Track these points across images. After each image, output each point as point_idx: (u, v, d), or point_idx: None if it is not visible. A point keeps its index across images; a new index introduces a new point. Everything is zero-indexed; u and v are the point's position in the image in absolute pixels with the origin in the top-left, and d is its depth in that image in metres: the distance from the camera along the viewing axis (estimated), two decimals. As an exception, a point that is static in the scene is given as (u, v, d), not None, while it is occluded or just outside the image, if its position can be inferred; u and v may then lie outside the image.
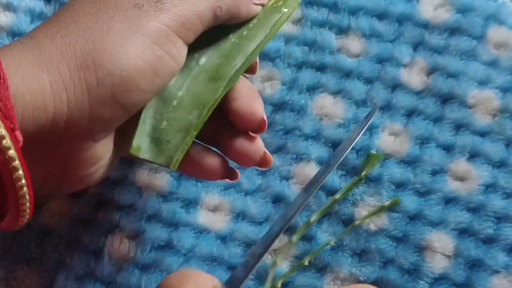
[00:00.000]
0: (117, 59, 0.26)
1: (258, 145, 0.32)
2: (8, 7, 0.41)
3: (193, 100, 0.31)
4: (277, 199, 0.38)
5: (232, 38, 0.33)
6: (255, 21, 0.33)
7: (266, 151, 0.32)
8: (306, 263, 0.36)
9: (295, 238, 0.37)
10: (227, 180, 0.33)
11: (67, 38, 0.26)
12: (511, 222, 0.37)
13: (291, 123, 0.39)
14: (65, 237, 0.37)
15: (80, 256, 0.37)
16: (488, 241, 0.36)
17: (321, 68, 0.40)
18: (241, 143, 0.32)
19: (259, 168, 0.34)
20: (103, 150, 0.29)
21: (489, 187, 0.37)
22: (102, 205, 0.38)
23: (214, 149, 0.33)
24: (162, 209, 0.37)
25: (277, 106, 0.39)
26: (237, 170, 0.33)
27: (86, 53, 0.26)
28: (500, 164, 0.38)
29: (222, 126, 0.32)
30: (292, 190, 0.38)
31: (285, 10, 0.34)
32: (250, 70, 0.34)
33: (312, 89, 0.40)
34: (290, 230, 0.37)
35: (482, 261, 0.36)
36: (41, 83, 0.25)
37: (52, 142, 0.27)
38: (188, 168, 0.32)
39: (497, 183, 0.37)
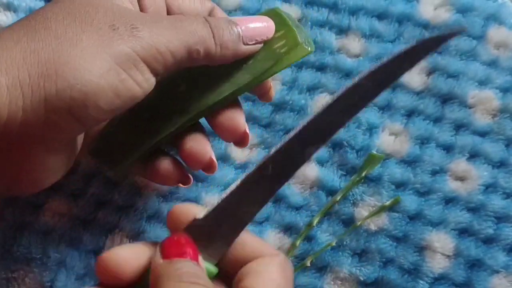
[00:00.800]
0: (80, 73, 0.26)
1: (206, 150, 0.32)
2: (9, 7, 0.41)
3: (160, 118, 0.32)
4: (277, 199, 0.38)
5: (218, 72, 0.32)
6: (250, 61, 0.32)
7: (213, 157, 0.33)
8: (308, 264, 0.36)
9: (298, 241, 0.37)
10: (180, 185, 0.34)
11: (33, 43, 0.26)
12: (511, 222, 0.37)
13: (291, 123, 0.39)
14: (65, 237, 0.37)
15: (81, 256, 0.37)
16: (488, 241, 0.36)
17: (321, 68, 0.40)
18: (190, 145, 0.32)
19: (204, 172, 0.34)
20: (57, 157, 0.29)
21: (489, 187, 0.37)
22: (102, 205, 0.38)
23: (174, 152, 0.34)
24: (162, 209, 0.37)
25: (277, 106, 0.39)
26: (191, 177, 0.34)
27: (50, 62, 0.26)
28: (500, 164, 0.38)
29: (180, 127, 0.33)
30: (292, 190, 0.38)
31: (286, 56, 0.32)
32: (263, 96, 0.35)
33: (312, 89, 0.40)
34: (291, 231, 0.37)
35: (482, 261, 0.36)
36: None
37: (3, 145, 0.26)
38: (145, 173, 0.33)
39: (497, 183, 0.37)
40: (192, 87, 0.32)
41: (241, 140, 0.33)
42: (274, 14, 0.33)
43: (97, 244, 0.37)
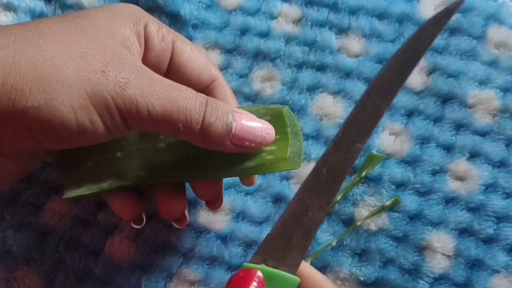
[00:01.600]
0: (52, 100, 0.25)
1: (181, 204, 0.32)
2: (9, 7, 0.41)
3: (131, 165, 0.32)
4: (277, 199, 0.38)
5: (200, 150, 0.30)
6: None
7: (186, 212, 0.33)
8: (309, 264, 0.36)
9: None
10: (132, 223, 0.34)
11: (19, 55, 0.26)
12: (511, 222, 0.37)
13: (291, 123, 0.39)
14: (65, 237, 0.37)
15: (80, 256, 0.37)
16: (488, 241, 0.36)
17: (321, 68, 0.40)
18: (166, 195, 0.32)
19: (175, 224, 0.34)
20: (7, 160, 0.28)
21: (489, 187, 0.37)
22: (102, 206, 0.37)
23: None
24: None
25: (277, 106, 0.39)
26: (144, 219, 0.34)
27: (27, 78, 0.25)
28: (500, 164, 0.38)
29: None
30: (292, 190, 0.38)
31: (269, 164, 0.31)
32: (245, 182, 0.34)
33: (312, 89, 0.40)
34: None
35: (482, 261, 0.36)
36: None
37: None
38: (106, 197, 0.33)
39: (497, 183, 0.37)
40: (171, 150, 0.31)
41: (214, 204, 0.34)
42: (277, 115, 0.31)
43: (97, 245, 0.37)
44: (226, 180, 0.38)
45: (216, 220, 0.37)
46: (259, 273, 0.27)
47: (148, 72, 0.28)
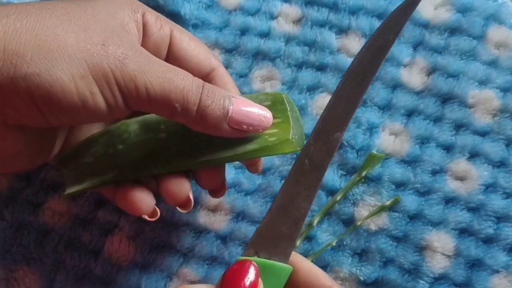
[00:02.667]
0: (52, 67, 0.26)
1: (185, 188, 0.32)
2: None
3: (132, 156, 0.32)
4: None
5: (200, 134, 0.31)
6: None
7: (191, 196, 0.33)
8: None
9: (298, 241, 0.37)
10: (146, 217, 0.33)
11: (19, 23, 0.26)
12: (511, 221, 0.37)
13: (291, 123, 0.39)
14: (65, 236, 0.37)
15: (80, 256, 0.37)
16: (488, 240, 0.36)
17: (321, 67, 0.40)
18: (170, 181, 0.32)
19: (179, 209, 0.34)
20: (16, 140, 0.29)
21: (489, 187, 0.37)
22: (102, 205, 0.38)
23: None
24: (161, 209, 0.37)
25: (277, 106, 0.39)
26: (158, 211, 0.33)
27: (29, 44, 0.26)
28: (500, 164, 0.38)
29: None
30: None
31: (273, 146, 0.31)
32: (250, 167, 0.34)
33: (312, 88, 0.40)
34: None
35: (482, 260, 0.36)
36: None
37: None
38: (114, 198, 0.32)
39: (497, 182, 0.37)
40: (172, 139, 0.32)
41: (218, 194, 0.34)
42: (278, 100, 0.32)
43: (97, 244, 0.37)
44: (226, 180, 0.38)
45: (216, 220, 0.37)
46: (254, 264, 0.27)
47: (146, 52, 0.29)
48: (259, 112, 0.30)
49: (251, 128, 0.30)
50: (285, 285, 0.29)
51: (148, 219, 0.33)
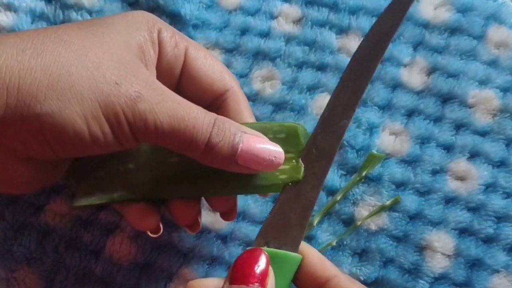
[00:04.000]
0: (66, 109, 0.26)
1: (194, 210, 0.32)
2: (9, 7, 0.41)
3: (141, 177, 0.32)
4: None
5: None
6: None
7: (200, 219, 0.33)
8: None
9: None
10: (149, 233, 0.33)
11: (34, 61, 0.26)
12: (511, 221, 0.37)
13: (292, 123, 0.39)
14: (65, 237, 0.37)
15: (81, 256, 0.37)
16: (488, 240, 0.36)
17: (321, 67, 0.40)
18: (177, 206, 0.32)
19: (187, 230, 0.34)
20: (26, 171, 0.29)
21: (489, 187, 0.37)
22: (103, 206, 0.37)
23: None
24: (162, 211, 0.37)
25: (277, 106, 0.39)
26: (161, 227, 0.33)
27: (42, 84, 0.26)
28: (500, 164, 0.38)
29: None
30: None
31: (282, 184, 0.30)
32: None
33: (313, 88, 0.40)
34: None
35: (482, 260, 0.36)
36: None
37: None
38: (121, 209, 0.32)
39: (497, 182, 0.37)
40: (183, 165, 0.31)
41: (229, 217, 0.34)
42: (292, 133, 0.31)
43: (98, 245, 0.37)
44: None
45: (216, 220, 0.37)
46: (264, 252, 0.27)
47: (160, 87, 0.29)
48: (270, 151, 0.29)
49: (259, 167, 0.29)
50: (295, 273, 0.29)
51: (150, 234, 0.33)
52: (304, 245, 0.30)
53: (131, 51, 0.29)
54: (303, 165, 0.30)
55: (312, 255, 0.29)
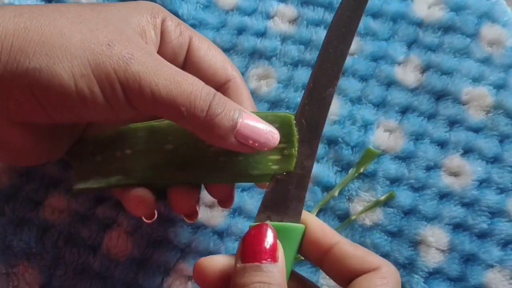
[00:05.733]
0: (54, 65, 0.26)
1: (194, 199, 0.33)
2: (10, 8, 0.42)
3: (144, 168, 0.32)
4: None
5: (204, 148, 0.31)
6: (240, 157, 0.31)
7: (198, 208, 0.34)
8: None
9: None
10: (144, 218, 0.34)
11: (29, 22, 0.27)
12: (505, 216, 0.37)
13: (287, 120, 0.39)
14: (64, 232, 0.38)
15: (79, 251, 0.37)
16: (482, 235, 0.37)
17: (316, 66, 0.40)
18: (179, 190, 0.32)
19: (185, 218, 0.35)
20: (24, 136, 0.29)
21: (483, 182, 0.38)
22: (101, 201, 0.38)
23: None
24: (159, 205, 0.38)
25: (273, 104, 0.40)
26: (156, 214, 0.34)
27: (34, 41, 0.26)
28: (493, 160, 0.38)
29: None
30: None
31: (274, 173, 0.30)
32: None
33: (308, 86, 0.40)
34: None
35: (476, 255, 0.36)
36: None
37: None
38: (121, 196, 0.33)
39: (490, 178, 0.38)
40: (178, 152, 0.32)
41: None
42: (286, 123, 0.31)
43: (96, 240, 0.37)
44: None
45: (213, 216, 0.38)
46: (270, 226, 0.28)
47: (156, 54, 0.29)
48: (268, 130, 0.30)
49: (256, 144, 0.29)
50: (300, 243, 0.30)
51: (145, 220, 0.34)
52: (305, 214, 0.30)
53: (129, 25, 0.30)
54: (295, 156, 0.30)
55: (313, 223, 0.30)
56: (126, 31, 0.29)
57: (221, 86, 0.34)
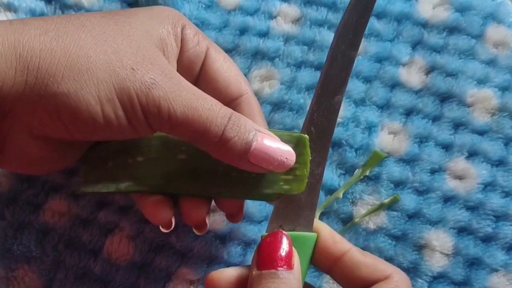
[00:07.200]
0: (81, 90, 0.26)
1: (203, 211, 0.32)
2: (9, 7, 0.41)
3: (155, 176, 0.32)
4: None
5: (219, 167, 0.31)
6: (252, 174, 0.30)
7: (207, 220, 0.33)
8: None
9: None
10: (161, 227, 0.34)
11: (55, 42, 0.27)
12: (509, 220, 0.37)
13: (290, 122, 0.39)
14: (65, 236, 0.37)
15: (80, 256, 0.37)
16: (487, 239, 0.36)
17: (320, 67, 0.40)
18: (190, 202, 0.32)
19: (194, 230, 0.34)
20: (41, 148, 0.29)
21: (488, 186, 0.37)
22: (102, 205, 0.38)
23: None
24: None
25: (276, 105, 0.39)
26: (173, 223, 0.33)
27: (61, 65, 0.26)
28: (498, 163, 0.38)
29: None
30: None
31: (284, 194, 0.30)
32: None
33: (311, 88, 0.40)
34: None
35: (480, 259, 0.36)
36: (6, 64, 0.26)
37: None
38: (139, 201, 0.33)
39: (495, 181, 0.37)
40: (191, 162, 0.31)
41: (235, 219, 0.34)
42: (301, 143, 0.31)
43: (97, 244, 0.37)
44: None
45: (215, 220, 0.37)
46: (285, 234, 0.28)
47: (177, 77, 0.29)
48: (283, 151, 0.29)
49: (270, 167, 0.29)
50: (313, 252, 0.29)
51: (162, 229, 0.34)
52: (315, 222, 0.30)
53: (151, 41, 0.30)
54: (307, 177, 0.30)
55: (323, 231, 0.30)
56: (149, 50, 0.29)
57: (234, 101, 0.34)
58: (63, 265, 0.37)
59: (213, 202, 0.34)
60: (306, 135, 0.31)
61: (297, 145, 0.31)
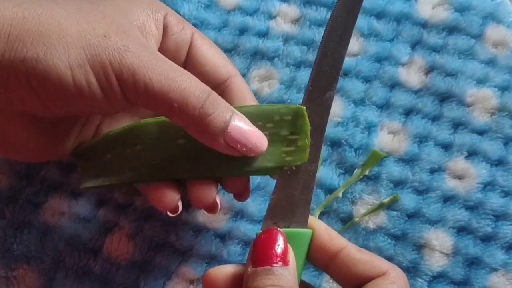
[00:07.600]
0: (50, 53, 0.26)
1: (211, 192, 0.32)
2: None
3: (156, 163, 0.32)
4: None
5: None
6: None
7: (218, 199, 0.33)
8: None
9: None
10: (168, 212, 0.33)
11: (27, 12, 0.27)
12: (509, 220, 0.37)
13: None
14: (64, 235, 0.37)
15: (80, 255, 0.37)
16: (487, 239, 0.36)
17: (319, 67, 0.40)
18: (196, 184, 0.32)
19: (205, 212, 0.34)
20: (26, 128, 0.29)
21: (488, 185, 0.37)
22: (102, 204, 0.38)
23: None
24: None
25: (276, 105, 0.39)
26: (180, 206, 0.33)
27: (31, 31, 0.26)
28: (498, 163, 0.38)
29: None
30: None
31: (288, 165, 0.31)
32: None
33: (311, 88, 0.40)
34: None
35: (480, 259, 0.36)
36: None
37: None
38: (145, 190, 0.33)
39: (495, 181, 0.37)
40: (190, 146, 0.31)
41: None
42: (299, 114, 0.31)
43: (96, 243, 0.37)
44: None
45: (215, 219, 0.37)
46: (280, 231, 0.28)
47: (153, 48, 0.29)
48: (257, 136, 0.30)
49: (244, 149, 0.29)
50: (309, 248, 0.29)
51: (169, 214, 0.33)
52: (310, 219, 0.30)
53: (127, 19, 0.29)
54: (308, 147, 0.30)
55: (319, 228, 0.30)
56: (123, 23, 0.29)
57: (223, 83, 0.34)
58: (63, 264, 0.37)
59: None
60: (304, 106, 0.31)
61: (295, 116, 0.31)
